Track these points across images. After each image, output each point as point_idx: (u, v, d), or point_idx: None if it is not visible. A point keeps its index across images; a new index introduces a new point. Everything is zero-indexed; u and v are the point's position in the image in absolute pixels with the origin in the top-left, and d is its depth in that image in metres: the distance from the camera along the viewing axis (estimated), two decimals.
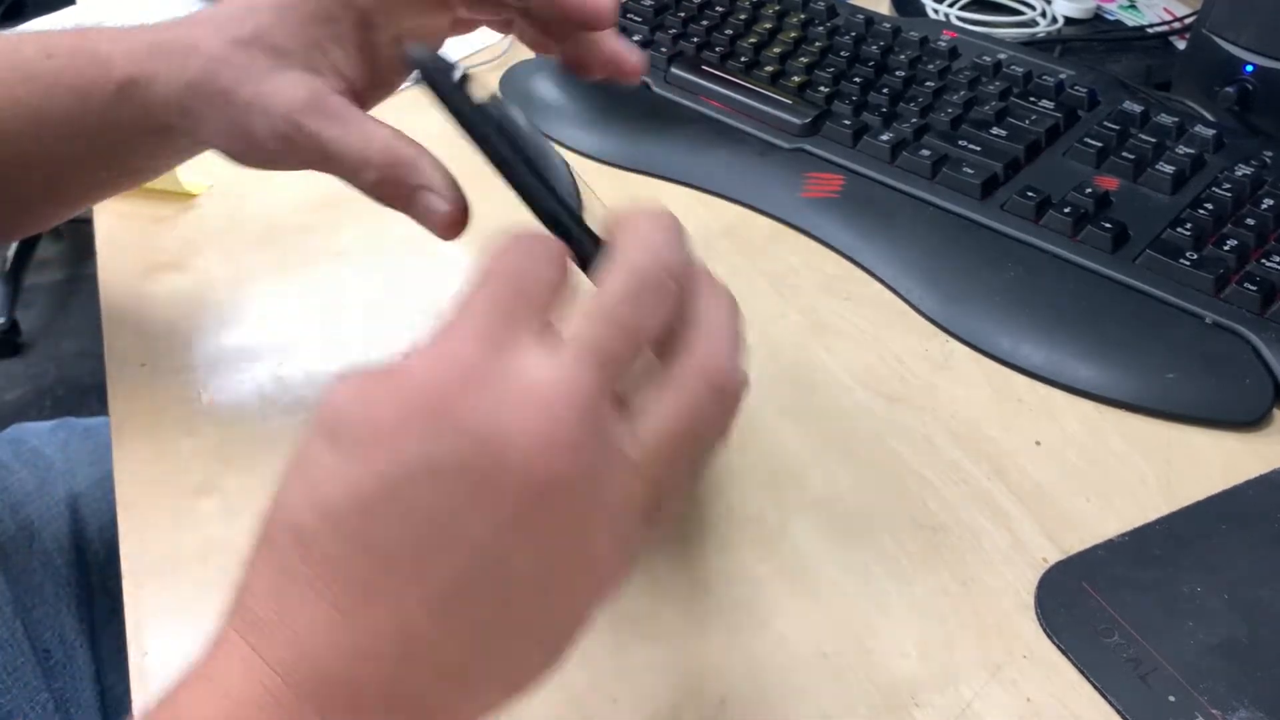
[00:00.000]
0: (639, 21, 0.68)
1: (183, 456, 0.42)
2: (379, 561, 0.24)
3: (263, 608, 0.24)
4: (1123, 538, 0.38)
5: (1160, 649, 0.34)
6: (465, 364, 0.25)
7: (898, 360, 0.46)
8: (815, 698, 0.33)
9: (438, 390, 0.24)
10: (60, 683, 0.51)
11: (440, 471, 0.24)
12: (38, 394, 1.62)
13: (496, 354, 0.25)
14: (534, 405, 0.24)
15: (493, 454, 0.24)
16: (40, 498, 0.56)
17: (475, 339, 0.25)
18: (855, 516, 0.39)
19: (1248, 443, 0.42)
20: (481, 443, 0.24)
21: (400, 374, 0.25)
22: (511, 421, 0.24)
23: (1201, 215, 0.50)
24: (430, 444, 0.24)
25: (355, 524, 0.24)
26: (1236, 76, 0.60)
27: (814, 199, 0.54)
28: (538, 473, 0.24)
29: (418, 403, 0.24)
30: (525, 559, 0.24)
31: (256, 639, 0.24)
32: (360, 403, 0.25)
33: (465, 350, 0.25)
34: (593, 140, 0.60)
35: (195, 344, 0.47)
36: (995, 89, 0.59)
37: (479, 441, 0.24)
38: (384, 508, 0.24)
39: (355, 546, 0.24)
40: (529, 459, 0.24)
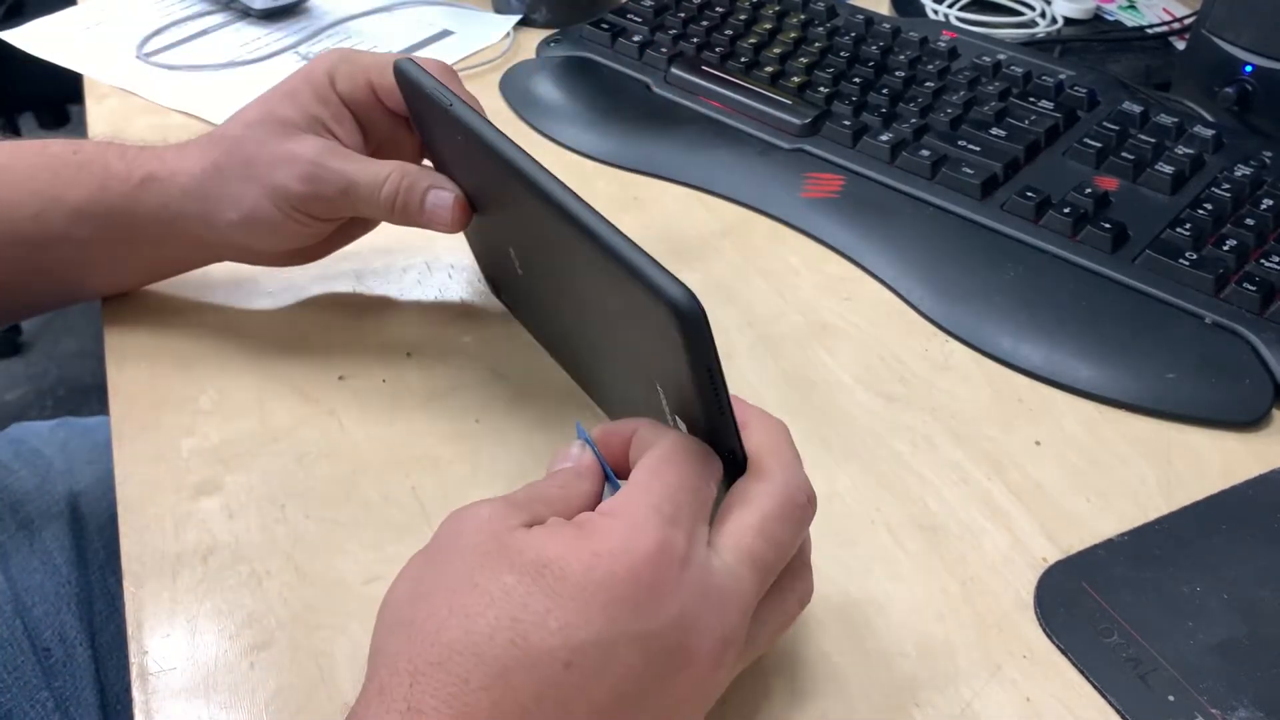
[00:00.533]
0: (639, 22, 0.68)
1: (183, 456, 0.42)
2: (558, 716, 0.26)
3: None
4: (1122, 538, 0.38)
5: (1160, 649, 0.34)
6: (659, 550, 0.27)
7: (898, 360, 0.46)
8: (815, 698, 0.33)
9: (644, 570, 0.27)
10: (60, 682, 0.51)
11: (645, 644, 0.26)
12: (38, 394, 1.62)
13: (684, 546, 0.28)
14: (716, 601, 0.28)
15: (685, 638, 0.27)
16: (40, 497, 0.56)
17: (660, 527, 0.27)
18: (855, 516, 0.39)
19: (1247, 443, 0.42)
20: (680, 628, 0.27)
21: (599, 539, 0.27)
22: (701, 614, 0.27)
23: (1201, 215, 0.50)
24: (642, 619, 0.26)
25: (559, 677, 0.26)
26: (1236, 77, 0.60)
27: (814, 199, 0.55)
28: (708, 662, 0.28)
29: (626, 578, 0.26)
30: None
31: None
32: (569, 557, 0.27)
33: (655, 536, 0.27)
34: (593, 140, 0.60)
35: (195, 344, 0.47)
36: (995, 89, 0.59)
37: (677, 626, 0.27)
38: (591, 666, 0.26)
39: (551, 701, 0.25)
40: (706, 649, 0.27)
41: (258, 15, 0.74)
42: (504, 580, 0.26)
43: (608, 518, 0.28)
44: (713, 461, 0.30)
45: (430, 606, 0.27)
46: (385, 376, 0.45)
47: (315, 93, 0.43)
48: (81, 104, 0.66)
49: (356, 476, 0.41)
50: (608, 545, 0.27)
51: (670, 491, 0.28)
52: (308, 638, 0.35)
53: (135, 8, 0.76)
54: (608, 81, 0.65)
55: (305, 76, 0.43)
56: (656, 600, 0.26)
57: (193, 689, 0.34)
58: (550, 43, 0.69)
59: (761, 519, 0.29)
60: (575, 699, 0.26)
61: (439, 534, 0.29)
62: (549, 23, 0.73)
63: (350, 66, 0.43)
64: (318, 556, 0.38)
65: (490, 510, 0.29)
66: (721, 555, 0.28)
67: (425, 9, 0.77)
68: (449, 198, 0.41)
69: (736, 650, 0.28)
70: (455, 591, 0.27)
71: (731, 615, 0.28)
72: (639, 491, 0.28)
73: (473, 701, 0.25)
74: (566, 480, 0.31)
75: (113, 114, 0.64)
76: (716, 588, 0.28)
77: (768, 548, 0.29)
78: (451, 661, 0.25)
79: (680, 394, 0.30)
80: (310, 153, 0.42)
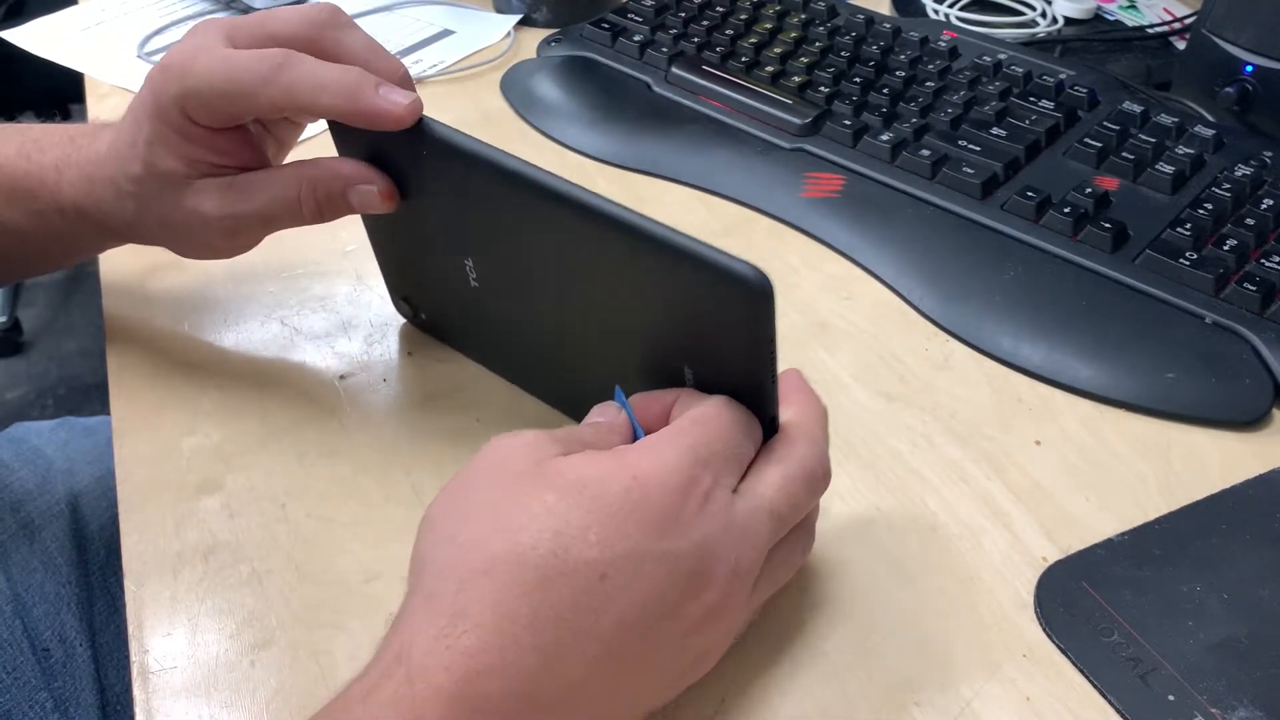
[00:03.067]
0: (639, 21, 0.68)
1: (184, 455, 0.42)
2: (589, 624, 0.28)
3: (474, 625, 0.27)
4: (1122, 537, 0.38)
5: (1160, 648, 0.34)
6: (688, 483, 0.29)
7: (898, 360, 0.46)
8: (815, 697, 0.33)
9: (674, 497, 0.29)
10: (60, 682, 0.51)
11: (671, 563, 0.29)
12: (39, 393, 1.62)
13: (710, 484, 0.30)
14: (736, 536, 0.30)
15: (705, 564, 0.29)
16: (41, 497, 0.56)
17: (693, 465, 0.30)
18: (855, 516, 0.39)
19: (1247, 442, 0.42)
20: (701, 553, 0.29)
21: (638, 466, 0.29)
22: (720, 544, 0.30)
23: (1201, 215, 0.50)
24: (669, 540, 0.29)
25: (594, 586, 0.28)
26: (1236, 76, 0.60)
27: (814, 199, 0.55)
28: (723, 587, 0.30)
29: (658, 502, 0.29)
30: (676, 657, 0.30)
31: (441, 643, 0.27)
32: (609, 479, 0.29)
33: (687, 472, 0.30)
34: (593, 140, 0.60)
35: (196, 343, 0.47)
36: (995, 89, 0.59)
37: (699, 550, 0.29)
38: (623, 579, 0.28)
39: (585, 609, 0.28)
40: (723, 575, 0.30)
41: None
42: (546, 498, 0.28)
43: (646, 449, 0.30)
44: (753, 425, 0.33)
45: (476, 522, 0.29)
46: (385, 376, 0.45)
47: (184, 134, 0.40)
48: (83, 103, 0.66)
49: (357, 476, 0.41)
50: (644, 470, 0.29)
51: (707, 439, 0.31)
52: (308, 637, 0.35)
53: (136, 7, 0.76)
54: (608, 81, 0.65)
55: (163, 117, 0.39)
56: (683, 525, 0.29)
57: (193, 688, 0.34)
58: (551, 42, 0.69)
59: (785, 477, 0.32)
60: (606, 609, 0.28)
61: (480, 458, 0.31)
62: (550, 22, 0.73)
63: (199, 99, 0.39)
64: (318, 555, 0.38)
65: (533, 437, 0.31)
66: (745, 500, 0.31)
67: (426, 9, 0.77)
68: (373, 193, 0.40)
69: (747, 585, 0.31)
70: (499, 508, 0.29)
71: (747, 551, 0.30)
72: (677, 433, 0.31)
73: (515, 607, 0.27)
74: (599, 430, 0.33)
75: (114, 113, 0.64)
76: (737, 525, 0.30)
77: (785, 503, 0.32)
78: (497, 570, 0.27)
79: (721, 368, 0.33)
80: (215, 208, 0.41)
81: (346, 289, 0.50)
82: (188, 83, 0.38)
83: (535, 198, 0.34)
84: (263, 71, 0.37)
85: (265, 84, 0.37)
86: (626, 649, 0.28)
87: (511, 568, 0.27)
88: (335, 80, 0.37)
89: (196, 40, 0.39)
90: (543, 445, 0.30)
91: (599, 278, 0.35)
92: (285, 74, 0.37)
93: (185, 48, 0.39)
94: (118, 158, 0.41)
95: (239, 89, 0.38)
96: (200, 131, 0.40)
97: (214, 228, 0.41)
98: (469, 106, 0.65)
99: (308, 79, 0.37)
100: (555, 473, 0.29)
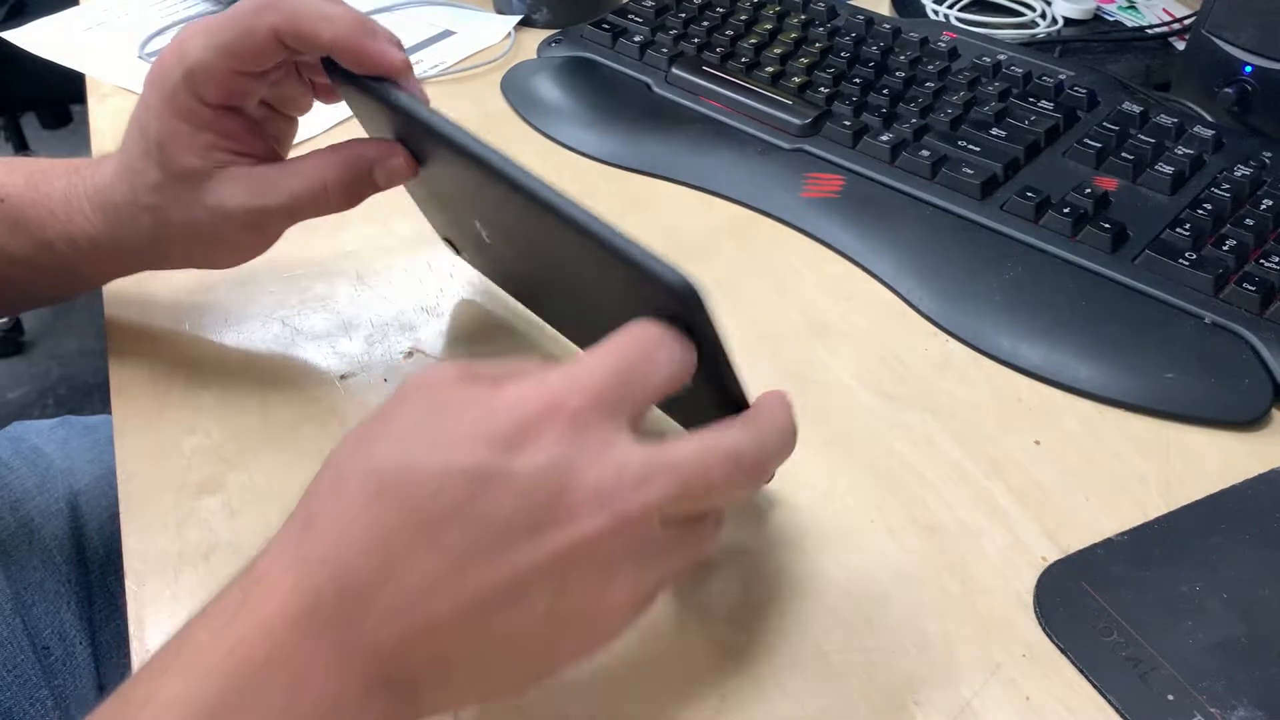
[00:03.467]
0: (639, 22, 0.68)
1: (185, 454, 0.42)
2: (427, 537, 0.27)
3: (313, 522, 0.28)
4: (1122, 537, 0.38)
5: (1159, 648, 0.34)
6: (551, 406, 0.28)
7: (898, 360, 0.46)
8: (815, 697, 0.33)
9: (531, 418, 0.27)
10: (60, 680, 0.51)
11: (516, 486, 0.27)
12: (40, 392, 1.63)
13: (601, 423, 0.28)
14: (616, 480, 0.27)
15: (561, 494, 0.27)
16: (40, 495, 0.56)
17: (565, 391, 0.28)
18: (855, 516, 0.39)
19: (1246, 442, 0.42)
20: (554, 477, 0.27)
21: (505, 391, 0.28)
22: (582, 474, 0.27)
23: (1200, 215, 0.50)
24: (515, 459, 0.27)
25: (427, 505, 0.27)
26: (1236, 77, 0.60)
27: (814, 199, 0.55)
28: (589, 524, 0.27)
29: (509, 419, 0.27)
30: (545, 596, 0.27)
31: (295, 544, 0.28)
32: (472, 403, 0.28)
33: (550, 395, 0.28)
34: (593, 140, 0.60)
35: (197, 342, 0.47)
36: (995, 90, 0.59)
37: (551, 474, 0.27)
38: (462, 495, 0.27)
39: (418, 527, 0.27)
40: (586, 509, 0.27)
41: None
42: (411, 416, 0.28)
43: (523, 376, 0.29)
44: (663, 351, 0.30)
45: (350, 439, 0.29)
46: (386, 375, 0.45)
47: (195, 121, 0.39)
48: (83, 103, 0.66)
49: None
50: (508, 395, 0.28)
51: (598, 367, 0.29)
52: None
53: (137, 8, 0.76)
54: (609, 82, 0.65)
55: (172, 108, 0.39)
56: (532, 445, 0.27)
57: None
58: (551, 43, 0.69)
59: (705, 448, 0.29)
60: (447, 524, 0.26)
61: None
62: (550, 23, 0.74)
63: (205, 71, 0.38)
64: None
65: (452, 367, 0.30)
66: (650, 448, 0.28)
67: (427, 9, 0.77)
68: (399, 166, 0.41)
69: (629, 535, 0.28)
70: (370, 429, 0.29)
71: (627, 493, 0.27)
72: (568, 365, 0.29)
73: (350, 518, 0.27)
74: None
75: (115, 113, 0.64)
76: (615, 461, 0.27)
77: (695, 470, 0.29)
78: (344, 483, 0.28)
79: None
80: (239, 202, 0.40)
81: (347, 289, 0.50)
82: (188, 60, 0.38)
83: (491, 179, 0.34)
84: (260, 2, 0.37)
85: (266, 9, 0.37)
86: (478, 570, 0.27)
87: (357, 481, 0.27)
88: (339, 14, 0.37)
89: (181, 33, 0.39)
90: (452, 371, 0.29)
91: (567, 260, 0.36)
92: (285, 2, 0.37)
93: (171, 43, 0.39)
94: (130, 173, 0.41)
95: (240, 28, 0.37)
96: (210, 113, 0.39)
97: (239, 222, 0.41)
98: (469, 107, 0.65)
99: (310, 7, 0.37)
100: (429, 388, 0.29)
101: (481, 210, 0.41)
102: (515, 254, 0.42)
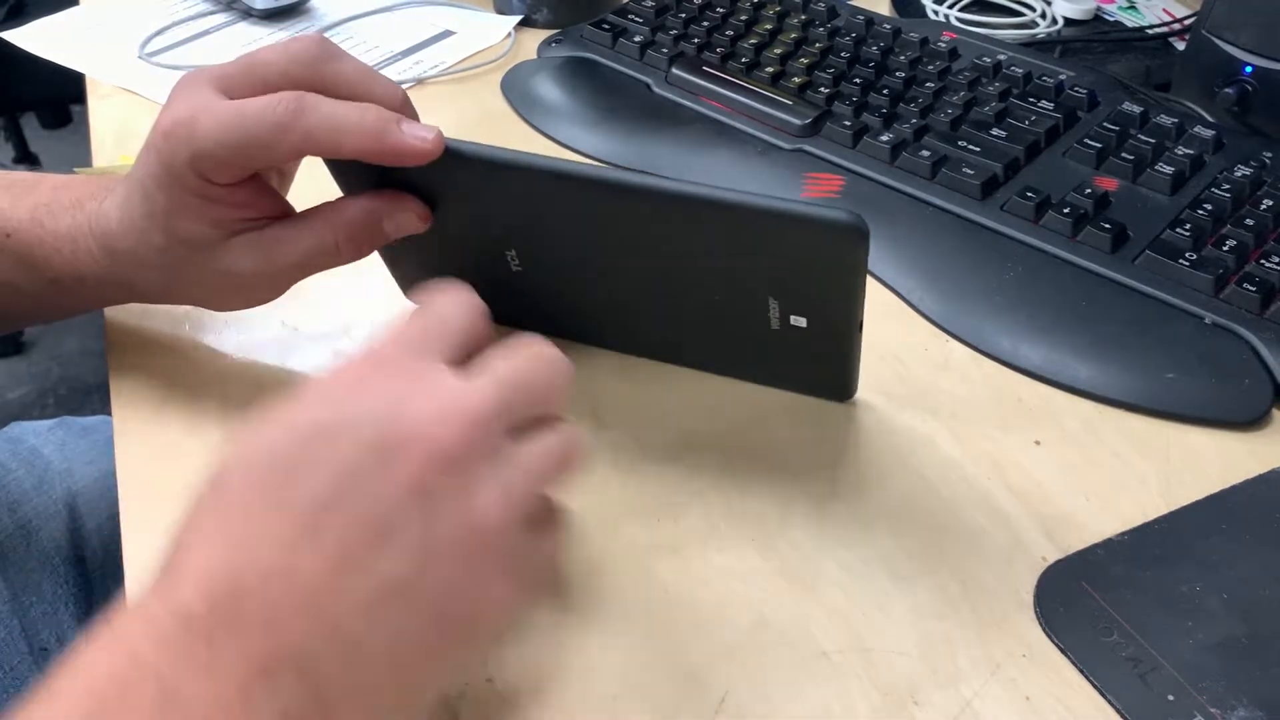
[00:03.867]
0: (640, 22, 0.68)
1: (185, 455, 0.42)
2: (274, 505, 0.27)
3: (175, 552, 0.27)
4: (1122, 537, 0.38)
5: (1159, 648, 0.34)
6: (389, 361, 0.30)
7: (898, 360, 0.46)
8: (815, 696, 0.33)
9: (361, 372, 0.29)
10: None
11: (354, 432, 0.27)
12: (40, 393, 1.63)
13: (415, 361, 0.30)
14: (442, 397, 0.28)
15: (396, 425, 0.27)
16: (38, 497, 0.56)
17: (398, 346, 0.30)
18: (855, 516, 0.39)
19: (1246, 443, 0.42)
20: (393, 414, 0.28)
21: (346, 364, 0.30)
22: (422, 402, 0.28)
23: (1201, 216, 0.50)
24: (347, 407, 0.28)
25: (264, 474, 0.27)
26: (1236, 77, 0.60)
27: (814, 199, 0.55)
28: (439, 443, 0.27)
29: (342, 380, 0.29)
30: (415, 525, 0.27)
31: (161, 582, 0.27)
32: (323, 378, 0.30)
33: (388, 352, 0.30)
34: (593, 140, 0.60)
35: (197, 343, 0.47)
36: (995, 90, 0.59)
37: (391, 411, 0.28)
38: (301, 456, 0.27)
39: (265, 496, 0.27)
40: (433, 433, 0.27)
41: (259, 15, 0.74)
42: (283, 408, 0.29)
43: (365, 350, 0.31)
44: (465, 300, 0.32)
45: None
46: None
47: (203, 195, 0.38)
48: (84, 104, 0.66)
49: None
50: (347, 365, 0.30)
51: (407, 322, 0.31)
52: None
53: (137, 7, 0.76)
54: (609, 82, 0.65)
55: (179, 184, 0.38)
56: (358, 393, 0.29)
57: None
58: (551, 43, 0.69)
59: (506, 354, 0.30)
60: (289, 489, 0.27)
61: None
62: (550, 23, 0.74)
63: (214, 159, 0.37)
64: None
65: None
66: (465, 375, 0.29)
67: (426, 9, 0.77)
68: (410, 216, 0.40)
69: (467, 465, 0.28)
70: None
71: (457, 403, 0.28)
72: None
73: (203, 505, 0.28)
74: None
75: (114, 113, 0.64)
76: (437, 384, 0.29)
77: (508, 370, 0.30)
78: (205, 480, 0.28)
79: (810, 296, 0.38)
80: (249, 267, 0.40)
81: (347, 289, 0.50)
82: (197, 145, 0.36)
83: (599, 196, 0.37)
84: (278, 118, 0.36)
85: (283, 131, 0.36)
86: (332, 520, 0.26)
87: (218, 469, 0.28)
88: (356, 122, 0.36)
89: (189, 98, 0.37)
90: None
91: (673, 246, 0.39)
92: (302, 120, 0.36)
93: (180, 109, 0.37)
94: (135, 230, 0.40)
95: (255, 140, 0.36)
96: (220, 190, 0.38)
97: (249, 284, 0.41)
98: (469, 107, 0.65)
99: (326, 122, 0.36)
100: None
101: (523, 235, 0.41)
102: (552, 273, 0.43)
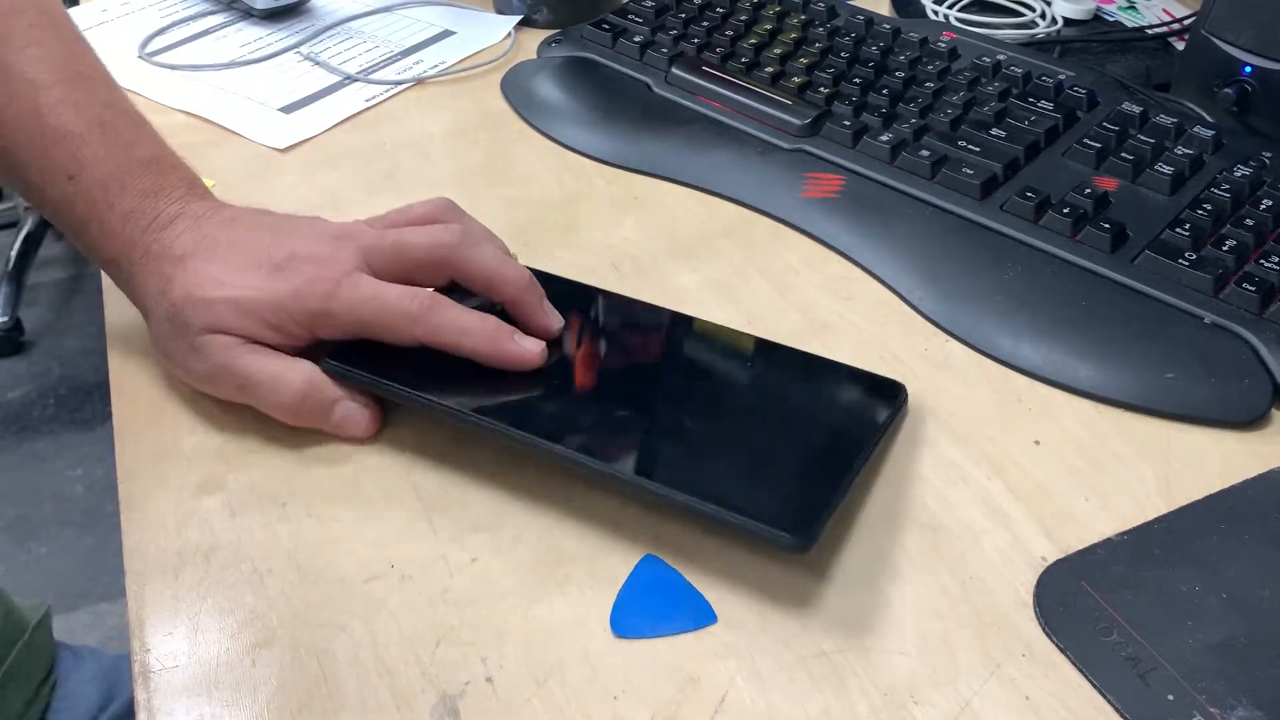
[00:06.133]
0: (640, 22, 0.68)
1: (185, 454, 0.42)
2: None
3: None
4: (1121, 537, 0.38)
5: (1159, 648, 0.34)
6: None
7: (898, 360, 0.46)
8: (815, 696, 0.33)
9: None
10: None
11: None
12: (41, 392, 1.63)
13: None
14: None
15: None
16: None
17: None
18: (855, 516, 0.39)
19: (1246, 442, 0.42)
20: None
21: None
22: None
23: (1200, 216, 0.50)
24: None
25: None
26: (1235, 77, 0.60)
27: (814, 199, 0.55)
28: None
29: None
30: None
31: None
32: None
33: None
34: (593, 140, 0.60)
35: None
36: (995, 90, 0.59)
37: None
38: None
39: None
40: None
41: (259, 15, 0.74)
42: None
43: None
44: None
45: None
46: None
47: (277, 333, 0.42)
48: None
49: (358, 475, 0.41)
50: None
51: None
52: (309, 636, 0.35)
53: (137, 7, 0.76)
54: (608, 82, 0.65)
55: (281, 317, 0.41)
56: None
57: (195, 687, 0.34)
58: (551, 43, 0.69)
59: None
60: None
61: None
62: (550, 23, 0.74)
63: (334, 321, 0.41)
64: (319, 554, 0.38)
65: None
66: None
67: (426, 9, 0.77)
68: (360, 413, 0.42)
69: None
70: None
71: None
72: None
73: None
74: None
75: None
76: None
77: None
78: None
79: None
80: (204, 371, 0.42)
81: None
82: (331, 305, 0.41)
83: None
84: (412, 312, 0.40)
85: (412, 323, 0.41)
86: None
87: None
88: (477, 329, 0.41)
89: (335, 259, 0.41)
90: None
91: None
92: (432, 318, 0.41)
93: (326, 270, 0.41)
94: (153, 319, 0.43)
95: (386, 325, 0.41)
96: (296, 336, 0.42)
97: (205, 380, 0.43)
98: (470, 107, 0.65)
99: (452, 324, 0.41)
100: None
101: None
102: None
